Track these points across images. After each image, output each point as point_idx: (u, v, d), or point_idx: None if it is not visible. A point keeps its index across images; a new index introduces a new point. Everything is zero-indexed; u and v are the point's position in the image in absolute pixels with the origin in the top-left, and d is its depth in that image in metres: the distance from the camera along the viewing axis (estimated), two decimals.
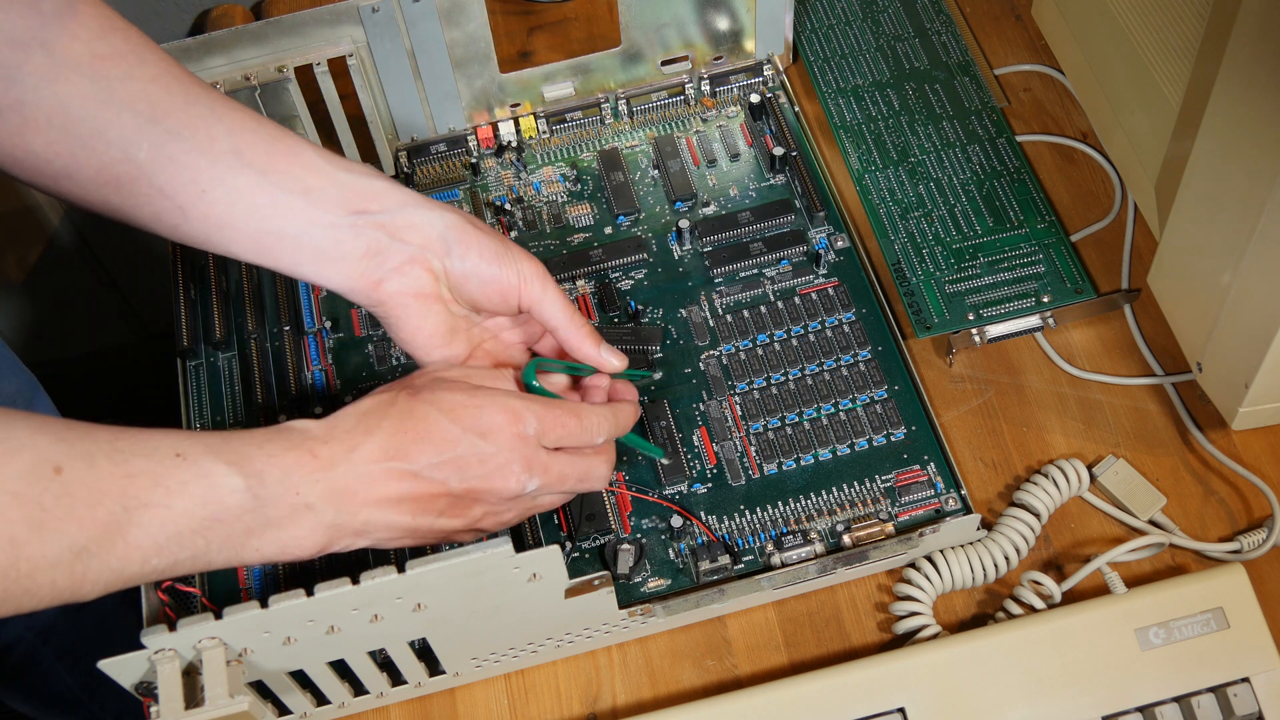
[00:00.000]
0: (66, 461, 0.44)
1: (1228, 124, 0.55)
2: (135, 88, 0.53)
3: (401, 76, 0.72)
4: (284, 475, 0.49)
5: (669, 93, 0.78)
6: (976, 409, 0.68)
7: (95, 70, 0.52)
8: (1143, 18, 0.68)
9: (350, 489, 0.50)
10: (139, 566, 0.46)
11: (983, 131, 0.75)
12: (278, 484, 0.48)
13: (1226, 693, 0.56)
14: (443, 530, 0.53)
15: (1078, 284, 0.68)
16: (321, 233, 0.55)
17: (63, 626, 0.89)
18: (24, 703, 0.93)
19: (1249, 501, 0.64)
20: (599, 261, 0.71)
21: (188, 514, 0.46)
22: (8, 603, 0.43)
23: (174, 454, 0.47)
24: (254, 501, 0.48)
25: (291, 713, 0.57)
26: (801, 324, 0.68)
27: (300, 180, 0.55)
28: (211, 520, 0.47)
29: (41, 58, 0.51)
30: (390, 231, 0.56)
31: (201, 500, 0.46)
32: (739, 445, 0.64)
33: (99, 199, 0.54)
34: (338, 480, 0.50)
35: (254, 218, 0.55)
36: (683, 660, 0.61)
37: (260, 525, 0.48)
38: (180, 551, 0.46)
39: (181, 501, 0.46)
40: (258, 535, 0.48)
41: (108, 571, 0.45)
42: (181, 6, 0.95)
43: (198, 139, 0.54)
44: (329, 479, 0.49)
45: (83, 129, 0.52)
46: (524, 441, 0.53)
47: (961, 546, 0.61)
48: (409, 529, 0.52)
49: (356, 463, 0.50)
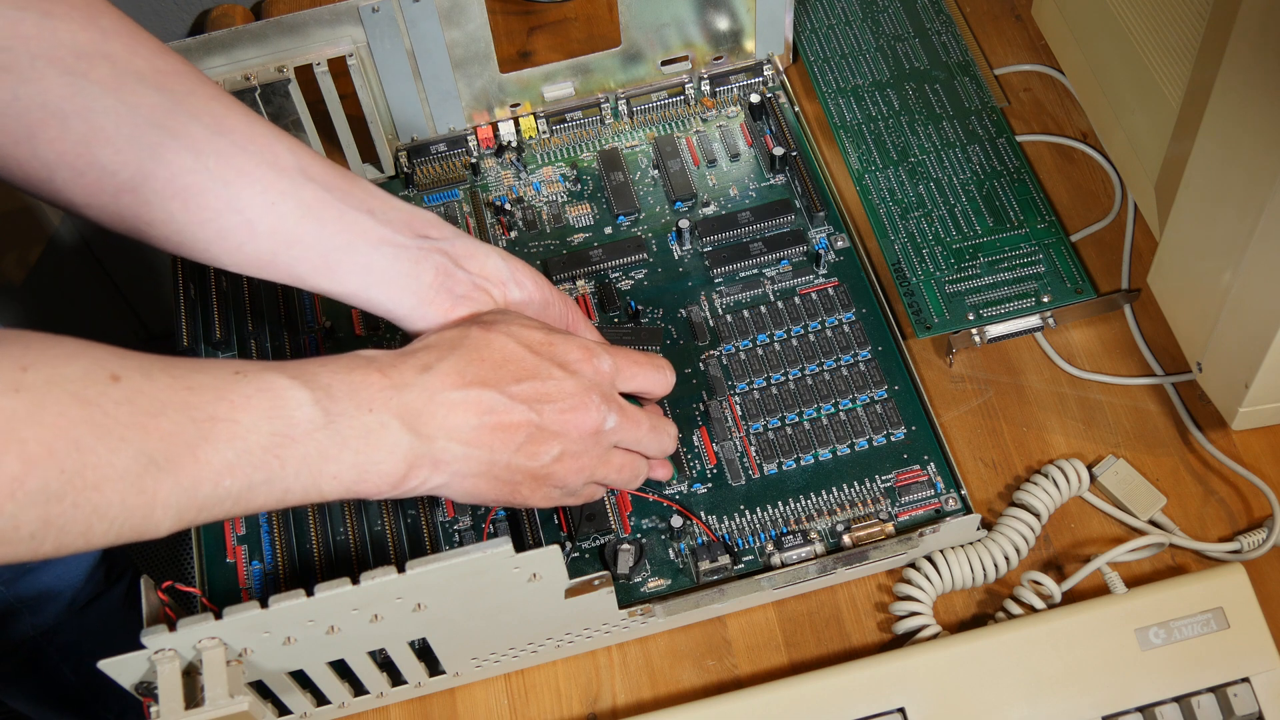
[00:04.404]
0: (123, 372, 0.42)
1: (1228, 124, 0.55)
2: (199, 102, 0.52)
3: (401, 76, 0.72)
4: (353, 391, 0.47)
5: (669, 93, 0.78)
6: (976, 409, 0.68)
7: (161, 83, 0.52)
8: (1143, 18, 0.68)
9: (424, 411, 0.48)
10: (211, 487, 0.43)
11: (983, 131, 0.75)
12: (347, 399, 0.46)
13: (1226, 693, 0.56)
14: (521, 470, 0.51)
15: (1078, 284, 0.68)
16: (393, 253, 0.54)
17: (67, 626, 0.89)
18: (27, 703, 0.94)
19: (1249, 501, 0.64)
20: (599, 261, 0.71)
21: (255, 429, 0.44)
22: (76, 524, 0.41)
23: (233, 372, 0.45)
24: (324, 417, 0.46)
25: (291, 713, 0.57)
26: (801, 324, 0.68)
27: (363, 201, 0.54)
28: (282, 438, 0.45)
29: (106, 68, 0.51)
30: (453, 258, 0.55)
31: (268, 414, 0.45)
32: (739, 445, 0.64)
33: (163, 215, 0.52)
34: (410, 401, 0.48)
35: (324, 232, 0.53)
36: (683, 660, 0.61)
37: (335, 447, 0.46)
38: (254, 473, 0.44)
39: (247, 416, 0.44)
40: (333, 459, 0.46)
41: (179, 491, 0.43)
42: (181, 6, 0.95)
43: (264, 154, 0.53)
44: (401, 398, 0.48)
45: (152, 137, 0.51)
46: (602, 377, 0.52)
47: (961, 546, 0.61)
48: (486, 465, 0.50)
49: (430, 385, 0.48)
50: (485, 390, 0.50)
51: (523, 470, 0.52)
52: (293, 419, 0.45)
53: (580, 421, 0.52)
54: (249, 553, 0.62)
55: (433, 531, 0.62)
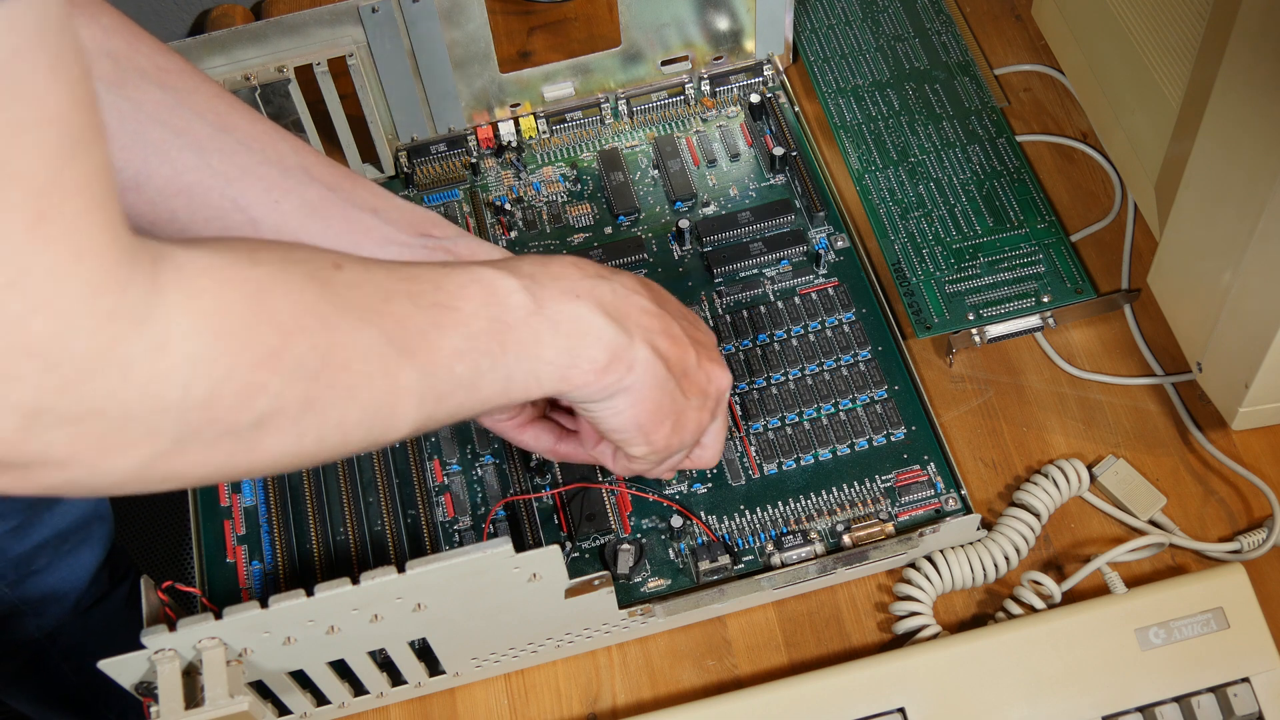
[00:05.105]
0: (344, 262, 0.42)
1: (1228, 124, 0.55)
2: (203, 100, 0.52)
3: (401, 76, 0.72)
4: (556, 278, 0.48)
5: (669, 93, 0.78)
6: (976, 409, 0.68)
7: (163, 81, 0.52)
8: (1143, 18, 0.68)
9: (621, 308, 0.49)
10: (446, 373, 0.43)
11: (983, 131, 0.75)
12: (552, 283, 0.47)
13: (1226, 693, 0.56)
14: (679, 402, 0.52)
15: (1078, 284, 0.68)
16: (397, 251, 0.54)
17: (70, 628, 0.89)
18: (30, 703, 0.94)
19: (1249, 501, 0.64)
20: (599, 261, 0.71)
21: (475, 315, 0.45)
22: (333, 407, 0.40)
23: (441, 266, 0.45)
24: (534, 303, 0.46)
25: (291, 713, 0.57)
26: (801, 324, 0.68)
27: (367, 200, 0.55)
28: (500, 323, 0.45)
29: (109, 65, 0.51)
30: (457, 257, 0.55)
31: (485, 300, 0.45)
32: (739, 445, 0.64)
33: (165, 213, 0.52)
34: (607, 295, 0.49)
35: (329, 230, 0.53)
36: (683, 660, 0.61)
37: (548, 332, 0.46)
38: (481, 359, 0.44)
39: (467, 304, 0.44)
40: (548, 344, 0.46)
41: (419, 376, 0.42)
42: (181, 6, 0.95)
43: (267, 152, 0.53)
44: (600, 290, 0.49)
45: (156, 134, 0.51)
46: None
47: (961, 546, 0.61)
48: (662, 379, 0.50)
49: (623, 285, 0.50)
50: (659, 305, 0.51)
51: (678, 403, 0.52)
52: (507, 304, 0.46)
53: (719, 375, 0.54)
54: (249, 553, 0.63)
55: (433, 531, 0.62)
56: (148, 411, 0.34)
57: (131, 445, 0.35)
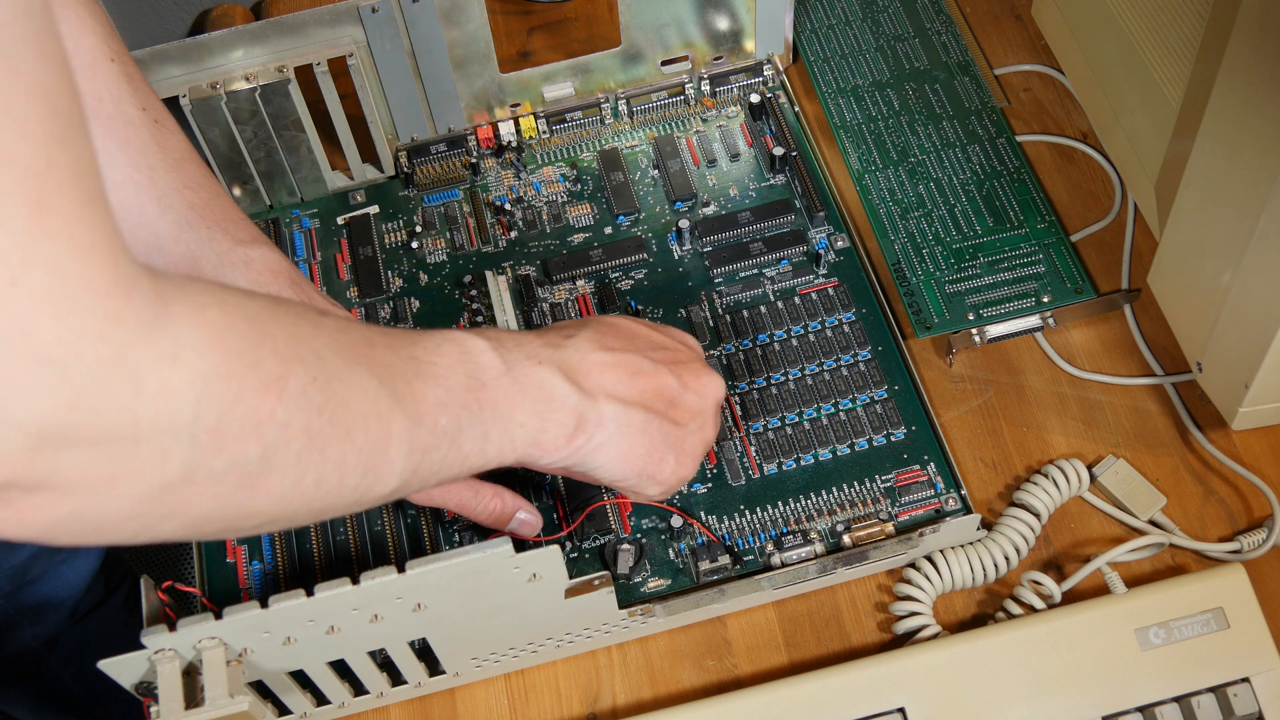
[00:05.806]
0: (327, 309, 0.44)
1: (1228, 124, 0.55)
2: None
3: (401, 76, 0.72)
4: (518, 344, 0.49)
5: (669, 93, 0.78)
6: (976, 409, 0.68)
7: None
8: (1143, 18, 0.68)
9: (580, 368, 0.50)
10: (431, 424, 0.44)
11: (983, 131, 0.75)
12: (516, 348, 0.48)
13: (1226, 693, 0.56)
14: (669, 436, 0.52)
15: (1078, 284, 0.68)
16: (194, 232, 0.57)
17: (68, 636, 0.89)
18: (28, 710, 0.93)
19: (1249, 501, 0.64)
20: (599, 261, 0.71)
21: (452, 370, 0.46)
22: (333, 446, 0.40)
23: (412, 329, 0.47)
24: (503, 364, 0.47)
25: (291, 713, 0.57)
26: (801, 324, 0.68)
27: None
28: (475, 381, 0.46)
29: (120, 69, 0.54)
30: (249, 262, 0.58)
31: (459, 358, 0.46)
32: (739, 445, 0.64)
33: None
34: (566, 359, 0.50)
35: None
36: (683, 660, 0.61)
37: (518, 394, 0.47)
38: (461, 413, 0.45)
39: (442, 359, 0.46)
40: (519, 406, 0.47)
41: (408, 424, 0.43)
42: (181, 6, 0.95)
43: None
44: (558, 355, 0.50)
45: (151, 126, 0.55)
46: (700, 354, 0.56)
47: (961, 546, 0.61)
48: (641, 424, 0.51)
49: (579, 347, 0.50)
50: (628, 353, 0.52)
51: (671, 436, 0.53)
52: (479, 362, 0.47)
53: (712, 386, 0.54)
54: (249, 553, 0.62)
55: (433, 531, 0.62)
56: (159, 432, 0.33)
57: (141, 471, 0.34)
